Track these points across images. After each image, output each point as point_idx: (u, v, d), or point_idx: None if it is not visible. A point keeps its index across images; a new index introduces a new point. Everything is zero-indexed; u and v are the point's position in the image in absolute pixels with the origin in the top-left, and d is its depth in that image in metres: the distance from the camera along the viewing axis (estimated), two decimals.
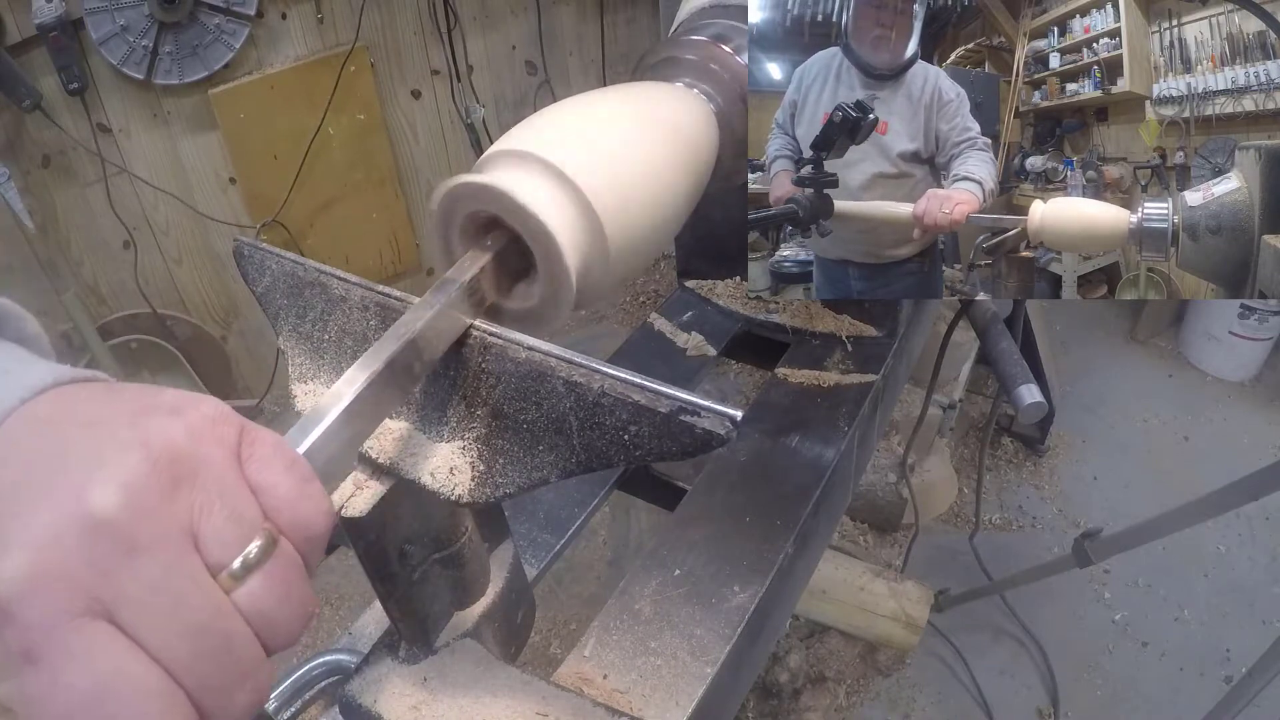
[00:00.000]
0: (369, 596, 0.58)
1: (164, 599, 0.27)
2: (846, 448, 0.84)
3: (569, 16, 2.72)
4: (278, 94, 2.25)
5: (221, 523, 0.29)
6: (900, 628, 1.66)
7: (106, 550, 0.27)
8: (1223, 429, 2.49)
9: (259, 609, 0.29)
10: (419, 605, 0.51)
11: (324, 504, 0.32)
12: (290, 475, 0.31)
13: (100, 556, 0.27)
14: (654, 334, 1.01)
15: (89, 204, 2.15)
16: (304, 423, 0.35)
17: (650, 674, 0.62)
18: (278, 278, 0.50)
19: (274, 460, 0.31)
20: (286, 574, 0.30)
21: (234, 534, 0.29)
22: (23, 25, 1.89)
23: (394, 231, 2.65)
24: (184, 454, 0.29)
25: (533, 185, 0.48)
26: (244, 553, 0.29)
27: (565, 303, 0.49)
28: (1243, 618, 2.01)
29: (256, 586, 0.29)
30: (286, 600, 0.30)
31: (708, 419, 0.38)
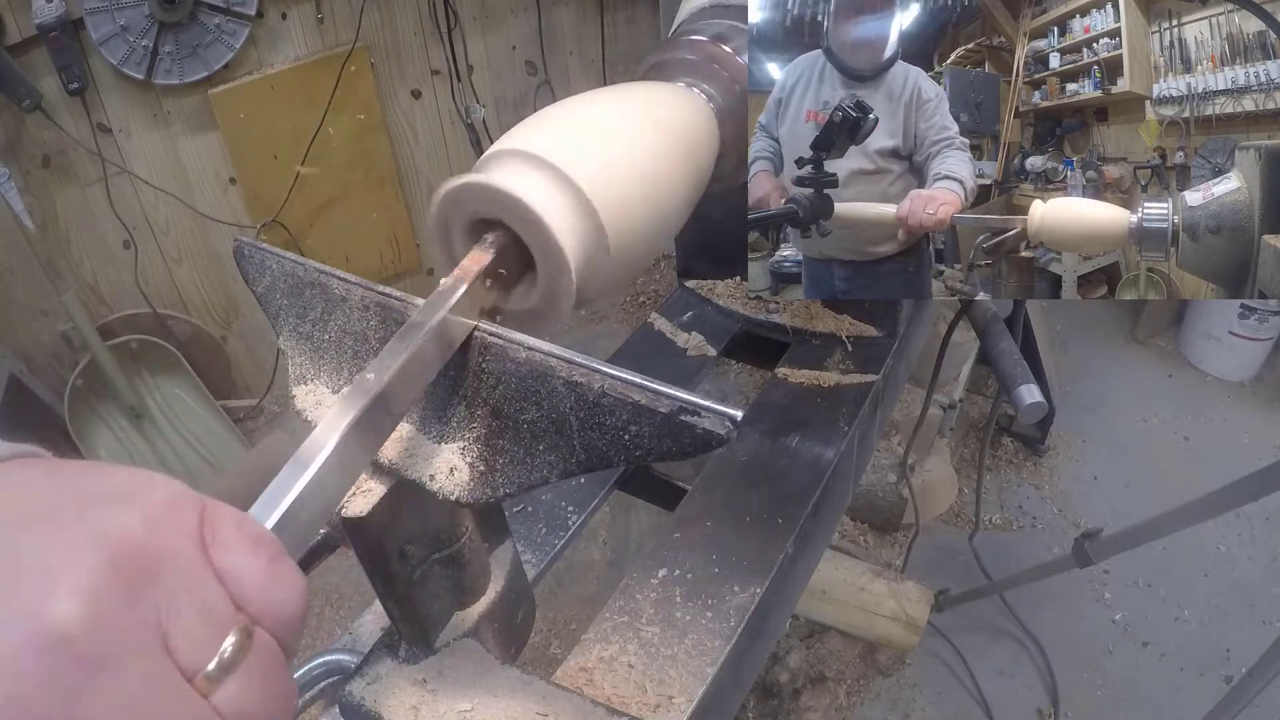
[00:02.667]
0: (369, 596, 0.58)
1: (138, 716, 0.25)
2: (846, 448, 0.84)
3: (569, 16, 2.72)
4: (278, 94, 2.25)
5: (192, 622, 0.26)
6: (900, 628, 1.66)
7: (71, 670, 0.24)
8: (1223, 429, 2.49)
9: (240, 710, 0.27)
10: (419, 605, 0.51)
11: (297, 584, 0.29)
12: (258, 557, 0.29)
13: (65, 678, 0.24)
14: (654, 334, 1.01)
15: (89, 204, 2.15)
16: (273, 489, 0.33)
17: (650, 674, 0.62)
18: (278, 278, 0.50)
19: (239, 542, 0.28)
20: (266, 667, 0.28)
21: (206, 633, 0.26)
22: (23, 25, 1.89)
23: (394, 231, 2.65)
24: (143, 549, 0.26)
25: (533, 185, 0.48)
26: (219, 652, 0.26)
27: (565, 303, 0.49)
28: (1243, 618, 2.01)
29: (236, 687, 0.27)
30: (268, 696, 0.28)
31: (708, 419, 0.38)
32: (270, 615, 0.28)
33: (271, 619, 0.28)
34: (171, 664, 0.26)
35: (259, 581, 0.28)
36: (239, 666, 0.27)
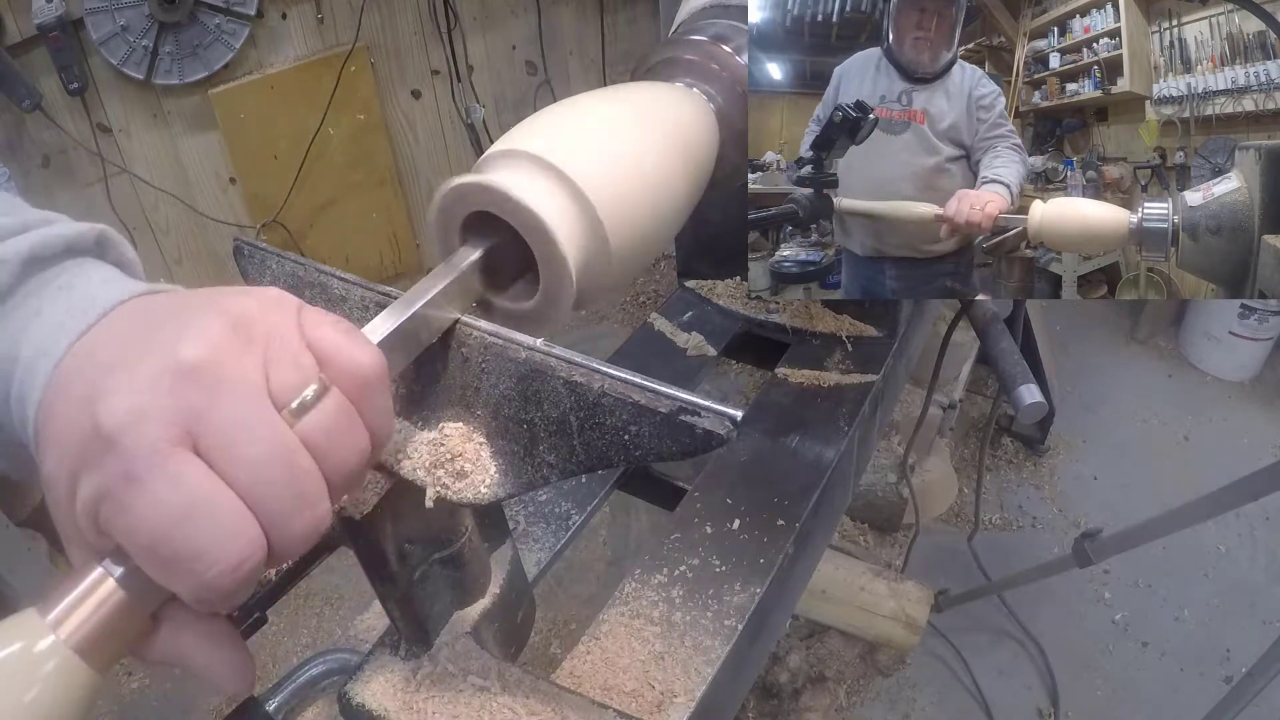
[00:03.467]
0: (369, 596, 0.58)
1: (241, 432, 0.32)
2: (846, 448, 0.84)
3: (569, 16, 2.72)
4: (278, 94, 2.25)
5: (286, 372, 0.34)
6: (900, 628, 1.66)
7: (195, 392, 0.32)
8: (1223, 429, 2.49)
9: (315, 441, 0.34)
10: (419, 605, 0.51)
11: (367, 349, 0.37)
12: (337, 330, 0.36)
13: (190, 397, 0.32)
14: (654, 334, 1.01)
15: (89, 204, 2.15)
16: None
17: (650, 674, 0.62)
18: (278, 278, 0.50)
19: (324, 320, 0.37)
20: (338, 413, 0.35)
21: (294, 379, 0.34)
22: (23, 25, 1.89)
23: (394, 231, 2.65)
24: (255, 318, 0.35)
25: (532, 185, 0.48)
26: (301, 395, 0.34)
27: (565, 303, 0.49)
28: (1243, 618, 2.01)
29: (311, 422, 0.34)
30: (338, 436, 0.35)
31: (708, 419, 0.38)
32: (343, 371, 0.35)
33: (344, 374, 0.35)
34: (269, 400, 0.33)
35: (336, 343, 0.36)
36: (315, 408, 0.34)
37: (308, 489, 0.34)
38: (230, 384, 0.32)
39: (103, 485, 0.32)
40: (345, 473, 0.36)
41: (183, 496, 0.31)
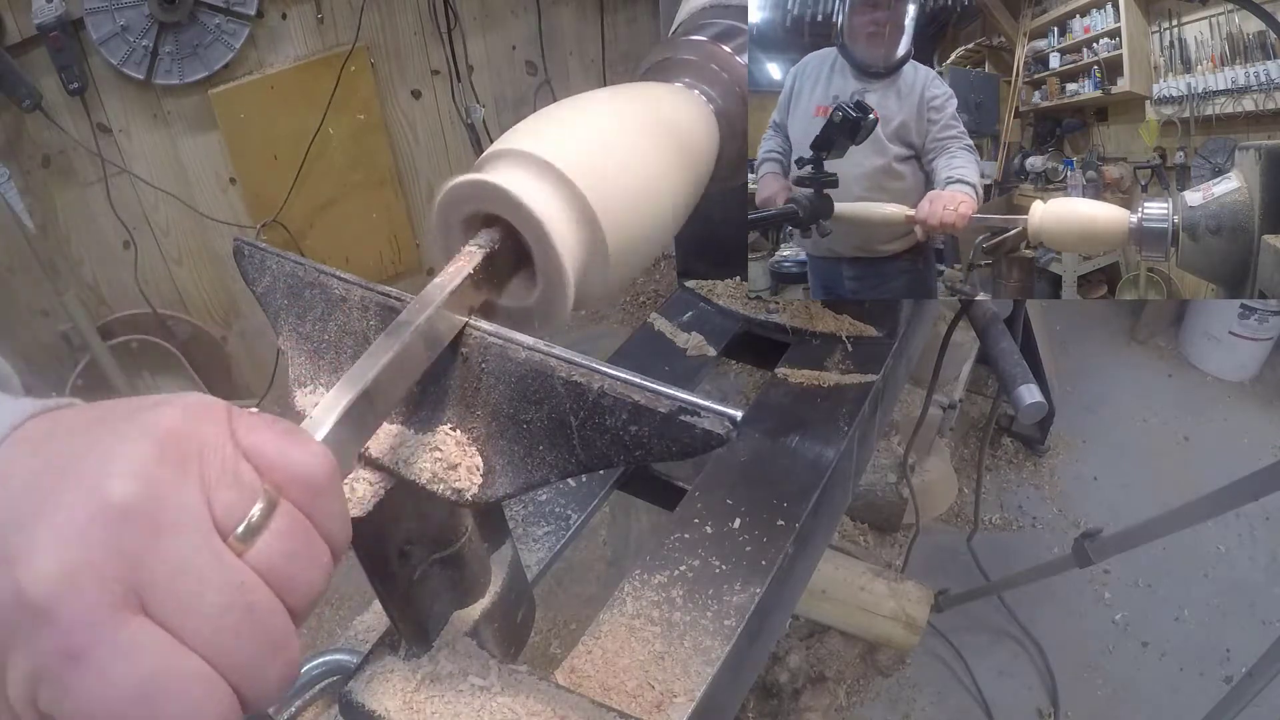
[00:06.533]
0: (369, 596, 0.58)
1: (192, 581, 0.28)
2: (846, 448, 0.84)
3: (569, 16, 2.72)
4: (278, 94, 2.24)
5: (227, 493, 0.30)
6: (900, 628, 1.66)
7: (132, 538, 0.27)
8: (1223, 429, 2.49)
9: (271, 567, 0.30)
10: (419, 605, 0.51)
11: (312, 448, 0.32)
12: (274, 430, 0.32)
13: (128, 545, 0.27)
14: (654, 334, 1.01)
15: (89, 204, 2.15)
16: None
17: (650, 674, 0.62)
18: (278, 278, 0.50)
19: (258, 423, 0.32)
20: (292, 530, 0.31)
21: (237, 499, 0.30)
22: (23, 25, 1.88)
23: (394, 231, 2.65)
24: (184, 435, 0.30)
25: (531, 184, 0.48)
26: (248, 517, 0.30)
27: (564, 303, 0.49)
28: (1243, 618, 2.01)
29: (264, 547, 0.30)
30: (295, 556, 0.31)
31: (708, 419, 0.38)
32: (289, 478, 0.31)
33: (291, 481, 0.31)
34: (215, 532, 0.29)
35: (277, 448, 0.31)
36: (266, 528, 0.30)
37: (273, 630, 0.30)
38: (171, 524, 0.28)
39: (39, 665, 0.27)
40: (310, 596, 0.32)
41: (138, 671, 0.27)
